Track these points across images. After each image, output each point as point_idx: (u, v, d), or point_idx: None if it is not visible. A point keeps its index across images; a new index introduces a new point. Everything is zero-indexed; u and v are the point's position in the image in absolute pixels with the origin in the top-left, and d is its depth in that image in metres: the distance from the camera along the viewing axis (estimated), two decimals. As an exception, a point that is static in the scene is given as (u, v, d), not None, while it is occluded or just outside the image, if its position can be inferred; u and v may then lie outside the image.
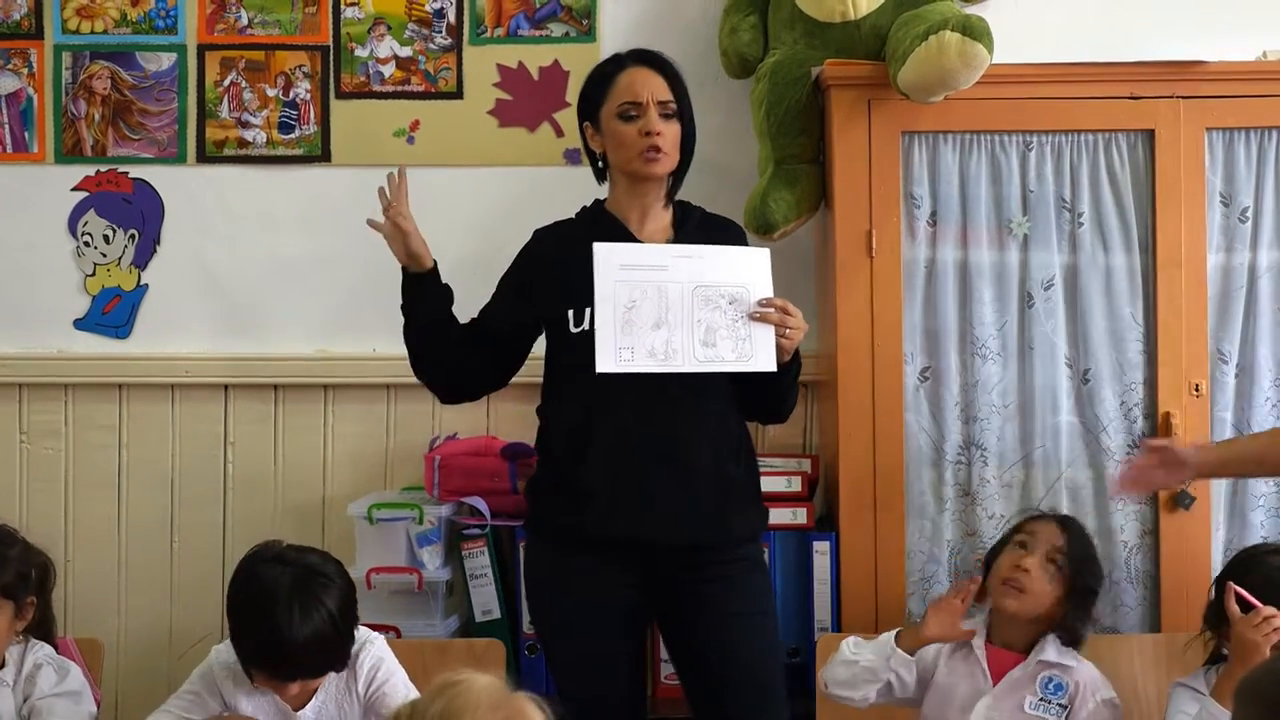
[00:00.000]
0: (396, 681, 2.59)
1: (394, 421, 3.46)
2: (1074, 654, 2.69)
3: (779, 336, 2.60)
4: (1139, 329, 3.04)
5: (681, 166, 2.74)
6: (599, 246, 2.57)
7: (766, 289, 2.62)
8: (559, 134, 3.44)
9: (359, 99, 3.46)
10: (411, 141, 3.45)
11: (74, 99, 3.47)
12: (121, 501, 3.49)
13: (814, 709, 2.89)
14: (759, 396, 2.72)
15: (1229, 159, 3.06)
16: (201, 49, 3.46)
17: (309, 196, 3.45)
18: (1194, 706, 2.59)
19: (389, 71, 3.46)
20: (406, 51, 3.46)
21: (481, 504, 3.15)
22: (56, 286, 3.49)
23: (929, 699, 2.70)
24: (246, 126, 3.47)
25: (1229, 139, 3.06)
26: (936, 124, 3.03)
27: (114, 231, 3.49)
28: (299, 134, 3.46)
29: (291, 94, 3.46)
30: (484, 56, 3.45)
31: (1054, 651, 2.68)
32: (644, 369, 2.56)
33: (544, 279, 2.74)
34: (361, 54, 3.46)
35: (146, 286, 3.49)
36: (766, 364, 2.60)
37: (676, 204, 2.78)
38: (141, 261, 3.49)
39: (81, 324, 3.50)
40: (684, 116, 2.72)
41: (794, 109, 3.13)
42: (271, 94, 3.46)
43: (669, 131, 2.68)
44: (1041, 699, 2.65)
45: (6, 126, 3.49)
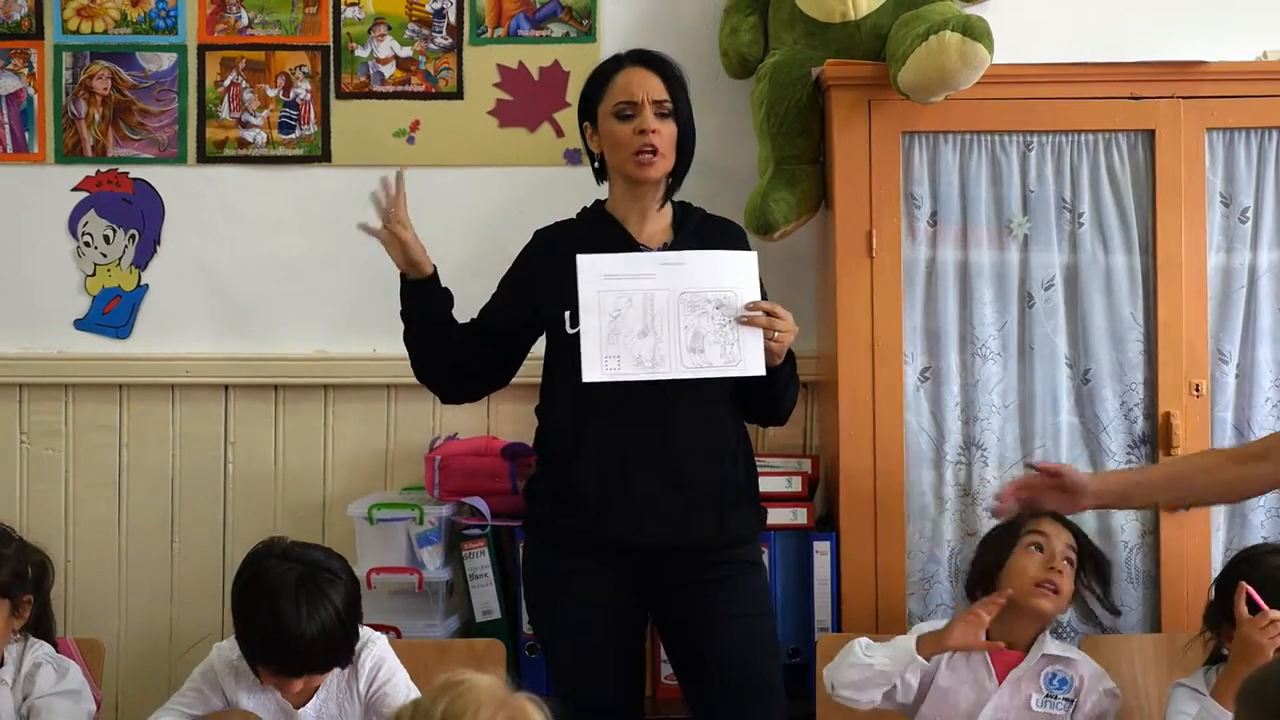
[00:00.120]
0: (398, 681, 2.60)
1: (394, 422, 3.46)
2: (1073, 647, 2.70)
3: (768, 340, 2.60)
4: (1139, 329, 3.04)
5: (680, 168, 2.73)
6: (582, 258, 2.58)
7: (754, 292, 2.62)
8: (559, 134, 3.43)
9: (359, 99, 3.46)
10: (412, 142, 3.45)
11: (74, 99, 3.47)
12: (122, 502, 3.49)
13: (814, 709, 2.89)
14: (754, 400, 2.72)
15: (1229, 159, 3.05)
16: (202, 49, 3.46)
17: (309, 197, 3.45)
18: (1194, 706, 2.59)
19: (389, 72, 3.46)
20: (407, 52, 3.46)
21: (482, 504, 3.15)
22: (57, 287, 3.49)
23: (929, 701, 2.69)
24: (247, 127, 3.46)
25: (1229, 139, 3.06)
26: (936, 124, 3.03)
27: (114, 232, 3.49)
28: (299, 134, 3.46)
29: (292, 94, 3.46)
30: (484, 57, 3.45)
31: (1055, 645, 2.71)
32: (631, 377, 2.56)
33: (543, 279, 2.74)
34: (362, 54, 3.46)
35: (147, 287, 3.49)
36: (755, 368, 2.60)
37: (676, 205, 2.78)
38: (142, 262, 3.49)
39: (82, 324, 3.49)
40: (681, 117, 2.71)
41: (794, 109, 3.13)
42: (272, 94, 3.46)
43: (664, 131, 2.67)
44: (1048, 695, 2.67)
45: (7, 127, 3.49)
